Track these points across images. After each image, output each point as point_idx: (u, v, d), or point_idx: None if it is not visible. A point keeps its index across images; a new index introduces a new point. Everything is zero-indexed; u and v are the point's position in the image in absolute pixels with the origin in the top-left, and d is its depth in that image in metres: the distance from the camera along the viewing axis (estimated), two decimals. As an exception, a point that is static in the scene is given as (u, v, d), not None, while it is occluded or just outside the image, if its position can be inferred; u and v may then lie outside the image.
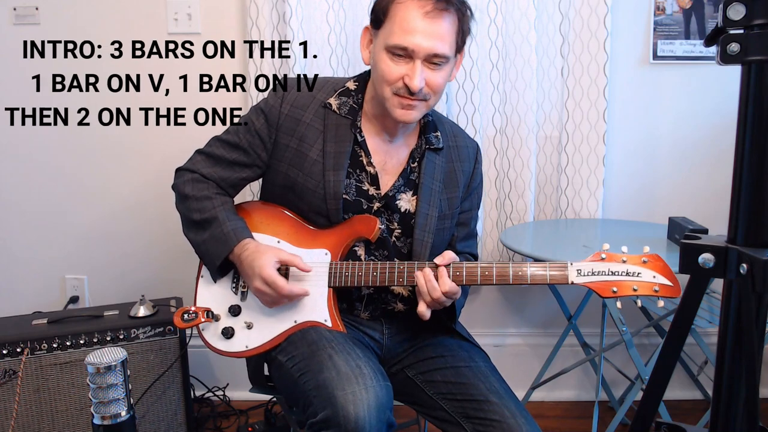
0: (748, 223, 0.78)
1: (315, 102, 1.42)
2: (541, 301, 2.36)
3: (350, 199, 1.40)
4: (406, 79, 1.29)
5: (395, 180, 1.43)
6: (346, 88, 1.44)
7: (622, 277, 1.21)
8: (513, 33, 2.10)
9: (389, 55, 1.30)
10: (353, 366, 1.19)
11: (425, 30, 1.26)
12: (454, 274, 1.28)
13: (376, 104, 1.40)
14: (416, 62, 1.28)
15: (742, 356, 0.79)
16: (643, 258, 1.22)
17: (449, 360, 1.38)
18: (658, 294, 1.20)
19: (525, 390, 2.22)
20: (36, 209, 2.28)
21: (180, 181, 1.47)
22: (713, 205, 2.18)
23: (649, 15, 2.15)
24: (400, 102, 1.32)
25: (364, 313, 1.46)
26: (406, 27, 1.26)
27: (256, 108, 1.46)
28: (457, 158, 1.51)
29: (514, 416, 1.25)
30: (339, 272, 1.35)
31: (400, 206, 1.43)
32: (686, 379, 2.26)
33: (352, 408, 1.11)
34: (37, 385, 1.76)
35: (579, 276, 1.23)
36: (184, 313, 1.40)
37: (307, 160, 1.40)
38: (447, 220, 1.48)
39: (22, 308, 2.14)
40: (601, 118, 2.11)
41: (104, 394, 1.09)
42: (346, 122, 1.41)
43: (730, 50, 0.75)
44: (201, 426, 2.18)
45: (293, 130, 1.41)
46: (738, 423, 0.80)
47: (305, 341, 1.31)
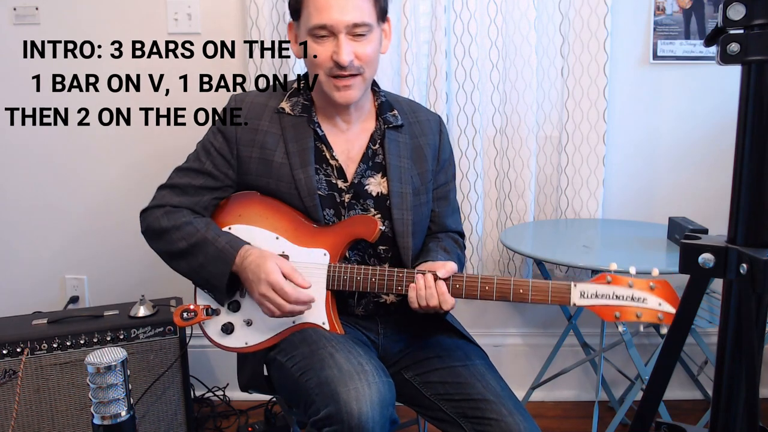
0: (748, 223, 0.78)
1: (268, 109, 1.43)
2: (541, 301, 2.36)
3: (323, 194, 1.40)
4: (334, 56, 1.31)
5: (356, 167, 1.43)
6: (294, 89, 1.46)
7: (626, 302, 1.19)
8: (513, 33, 2.10)
9: (313, 38, 1.32)
10: (355, 363, 1.19)
11: (338, 3, 1.28)
12: (454, 287, 1.28)
13: (323, 95, 1.40)
14: (340, 37, 1.30)
15: (742, 356, 0.79)
16: (651, 283, 1.18)
17: (445, 360, 1.38)
18: (662, 322, 1.18)
19: (525, 390, 2.22)
20: (36, 209, 2.28)
21: (150, 220, 1.41)
22: (713, 205, 2.18)
23: (649, 15, 2.15)
24: (335, 84, 1.34)
25: (358, 308, 1.46)
26: (320, 6, 1.29)
27: (212, 129, 1.45)
28: (421, 133, 1.50)
29: (512, 414, 1.24)
30: (337, 275, 1.34)
31: (370, 191, 1.43)
32: (686, 379, 2.26)
33: (355, 404, 1.11)
34: (37, 385, 1.77)
35: (582, 298, 1.20)
36: (183, 312, 1.39)
37: (273, 165, 1.40)
38: (422, 195, 1.47)
39: (22, 308, 2.14)
40: (601, 118, 2.11)
41: (104, 394, 1.09)
42: (302, 120, 1.42)
43: (730, 50, 0.74)
44: (201, 426, 2.18)
45: (252, 140, 1.41)
46: (738, 423, 0.80)
47: (305, 341, 1.31)
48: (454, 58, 2.09)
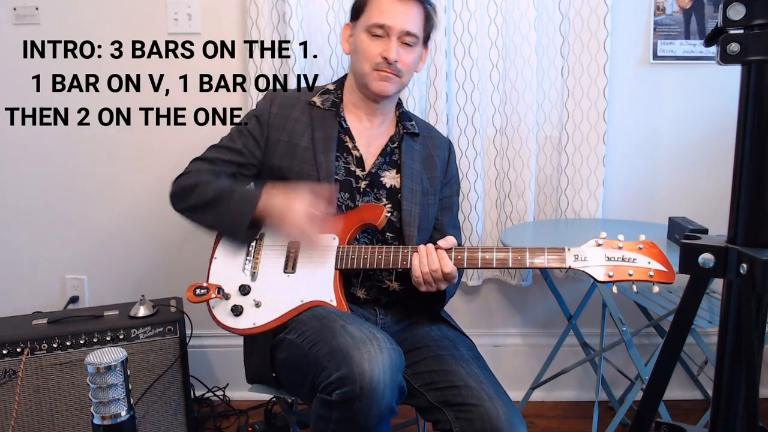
0: (748, 223, 0.78)
1: (300, 101, 1.59)
2: (541, 301, 2.36)
3: (341, 178, 1.52)
4: (384, 52, 1.48)
5: (376, 159, 1.57)
6: (326, 89, 1.62)
7: (617, 262, 1.25)
8: (513, 33, 2.10)
9: (368, 35, 1.50)
10: (366, 332, 1.22)
11: (398, 10, 1.48)
12: (456, 258, 1.34)
13: (356, 92, 1.57)
14: (392, 38, 1.48)
15: (742, 356, 0.79)
16: (639, 245, 1.26)
17: (433, 349, 1.43)
18: (654, 279, 1.22)
19: (525, 390, 2.22)
20: (36, 209, 2.28)
21: (180, 181, 1.52)
22: (713, 205, 2.18)
23: (649, 15, 2.15)
24: (379, 74, 1.50)
25: (360, 291, 1.52)
26: (383, 9, 1.49)
27: (248, 114, 1.61)
28: (433, 145, 1.66)
29: (492, 400, 1.27)
30: (345, 255, 1.42)
31: (385, 182, 1.56)
32: (686, 379, 2.26)
33: (367, 365, 1.14)
34: (37, 385, 1.77)
35: (576, 261, 1.27)
36: (197, 288, 1.42)
37: (299, 149, 1.53)
38: (430, 196, 1.60)
39: (22, 308, 2.14)
40: (601, 118, 2.11)
41: (104, 394, 1.09)
42: (330, 113, 1.57)
43: (730, 50, 0.75)
44: (201, 426, 2.18)
45: (283, 126, 1.55)
46: (738, 423, 0.80)
47: (314, 317, 1.34)
48: (454, 58, 2.09)
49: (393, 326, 1.55)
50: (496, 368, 1.42)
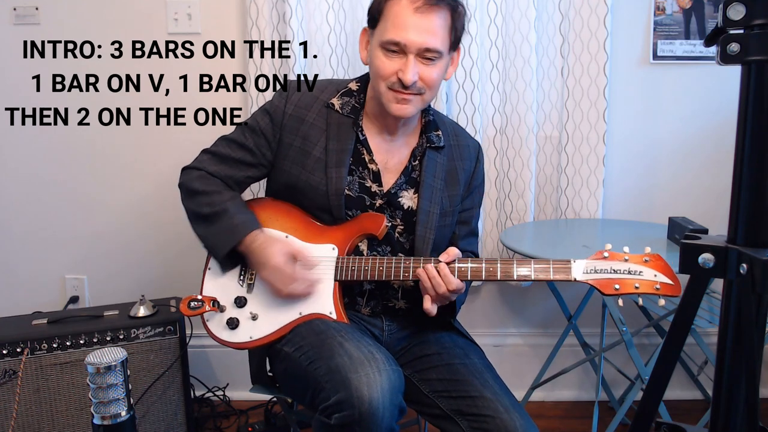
0: (748, 223, 0.78)
1: (318, 102, 1.46)
2: (541, 301, 2.36)
3: (353, 195, 1.44)
4: (400, 73, 1.33)
5: (397, 178, 1.47)
6: (348, 89, 1.48)
7: (624, 275, 1.23)
8: (513, 33, 2.10)
9: (384, 51, 1.34)
10: (365, 351, 1.20)
11: (416, 25, 1.30)
12: (459, 270, 1.31)
13: (376, 103, 1.43)
14: (409, 57, 1.32)
15: (742, 356, 0.79)
16: (645, 257, 1.24)
17: (444, 357, 1.40)
18: (660, 292, 1.22)
19: (525, 390, 2.22)
20: (36, 209, 2.28)
21: (187, 178, 1.49)
22: (713, 205, 2.19)
23: (649, 15, 2.15)
24: (395, 96, 1.36)
25: (365, 309, 1.47)
26: (399, 23, 1.31)
27: (262, 109, 1.50)
28: (459, 157, 1.54)
29: (508, 411, 1.25)
30: (345, 266, 1.38)
31: (403, 203, 1.47)
32: (686, 379, 2.26)
33: (366, 390, 1.12)
34: (37, 385, 1.76)
35: (582, 274, 1.26)
36: (191, 301, 1.41)
37: (311, 158, 1.43)
38: (448, 217, 1.51)
39: (22, 308, 2.14)
40: (601, 118, 2.11)
41: (104, 394, 1.09)
42: (348, 121, 1.45)
43: (730, 50, 0.74)
44: (201, 426, 2.18)
45: (297, 129, 1.45)
46: (738, 423, 0.80)
47: (313, 331, 1.32)
48: (454, 58, 2.09)
49: (399, 332, 1.51)
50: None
